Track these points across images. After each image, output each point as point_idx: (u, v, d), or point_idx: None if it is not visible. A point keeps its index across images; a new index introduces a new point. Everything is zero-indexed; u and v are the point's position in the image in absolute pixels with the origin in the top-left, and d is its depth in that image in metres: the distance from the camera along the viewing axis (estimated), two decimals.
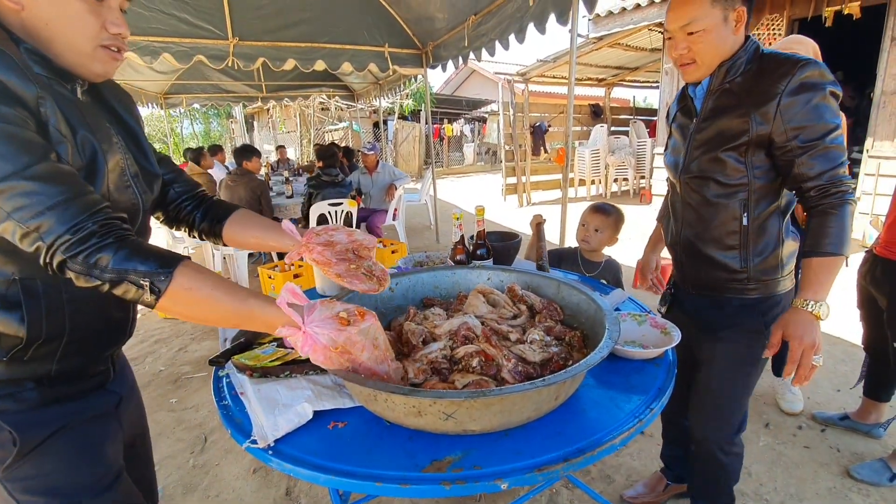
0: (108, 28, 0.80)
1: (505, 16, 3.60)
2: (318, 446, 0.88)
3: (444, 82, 21.35)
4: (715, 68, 1.23)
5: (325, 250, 1.03)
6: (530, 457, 0.82)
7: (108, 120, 0.89)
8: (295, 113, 14.36)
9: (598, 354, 0.87)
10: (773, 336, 1.11)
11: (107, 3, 0.80)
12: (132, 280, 0.70)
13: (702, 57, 1.21)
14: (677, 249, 1.44)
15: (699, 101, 1.30)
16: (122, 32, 0.81)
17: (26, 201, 0.66)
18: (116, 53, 0.83)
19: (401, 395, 0.80)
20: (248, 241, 1.10)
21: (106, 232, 0.70)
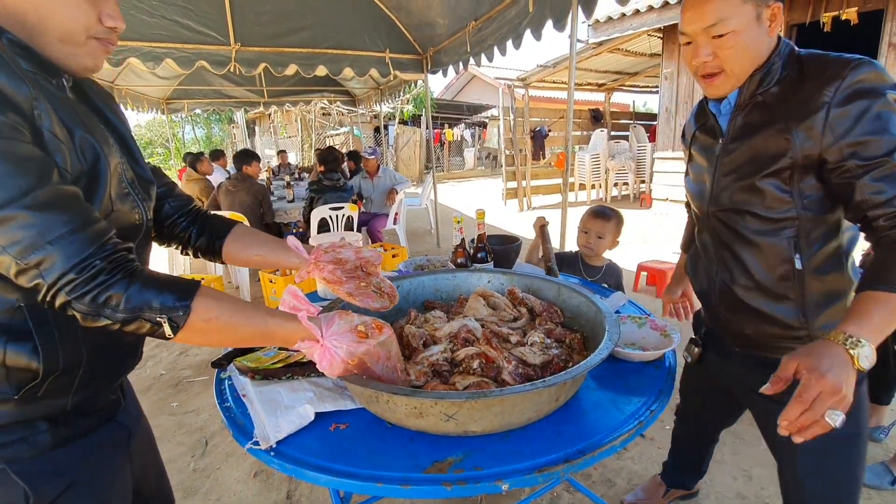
0: (103, 20, 0.72)
1: (504, 21, 3.62)
2: (319, 448, 0.88)
3: (445, 87, 21.42)
4: (746, 79, 1.01)
5: (335, 269, 1.03)
6: (531, 458, 0.82)
7: (98, 120, 0.80)
8: (296, 118, 14.42)
9: (598, 356, 0.88)
10: (782, 367, 0.79)
11: None
12: (147, 318, 0.65)
13: (731, 65, 0.98)
14: (712, 298, 1.17)
15: (724, 117, 1.08)
16: (119, 26, 0.74)
17: (23, 234, 0.59)
18: (109, 47, 0.76)
19: (402, 396, 0.80)
20: (251, 259, 1.04)
21: (114, 267, 0.64)
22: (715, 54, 0.99)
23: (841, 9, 5.02)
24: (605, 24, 6.79)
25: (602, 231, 1.97)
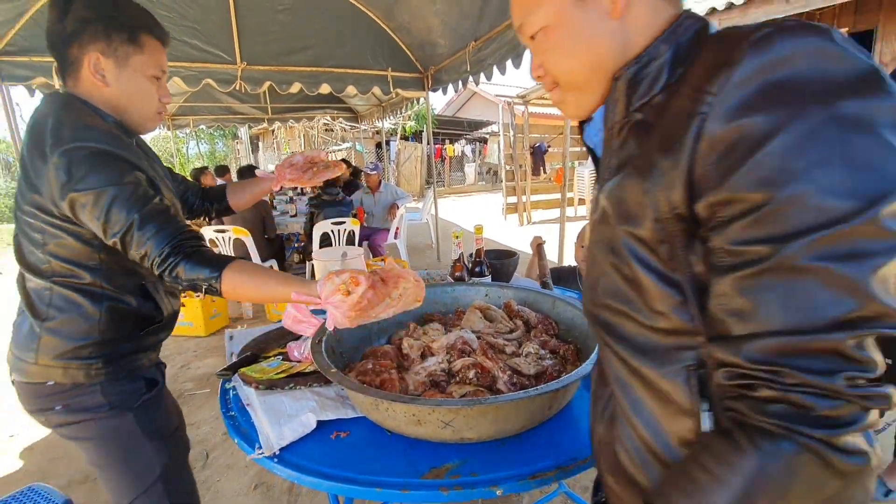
0: (161, 99, 1.09)
1: (504, 42, 3.72)
2: (321, 454, 0.92)
3: (446, 104, 21.71)
4: (603, 88, 0.64)
5: (292, 170, 1.42)
6: (524, 464, 0.86)
7: (150, 161, 1.15)
8: (299, 133, 14.61)
9: (589, 366, 0.91)
10: None
11: (161, 80, 1.08)
12: (199, 285, 0.95)
13: (554, 72, 0.66)
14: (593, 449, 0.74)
15: (598, 148, 0.70)
16: (168, 100, 1.11)
17: (138, 234, 0.93)
18: (163, 113, 1.13)
19: (401, 404, 0.84)
20: (247, 200, 1.45)
21: (178, 252, 0.93)
22: (540, 63, 0.68)
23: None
24: None
25: None
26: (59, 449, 2.41)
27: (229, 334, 1.52)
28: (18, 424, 2.71)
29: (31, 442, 2.54)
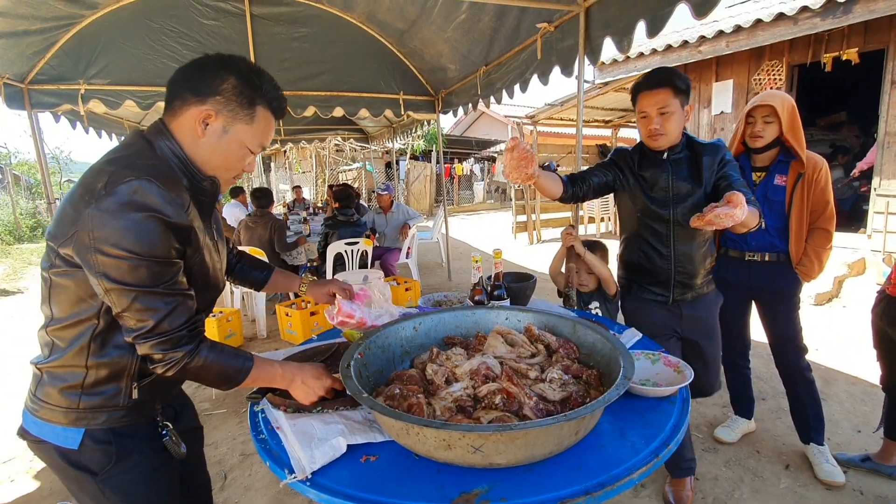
0: (245, 168, 1.12)
1: (512, 67, 3.81)
2: (351, 478, 0.94)
3: (455, 123, 22.00)
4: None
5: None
6: (553, 490, 0.87)
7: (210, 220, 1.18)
8: (311, 154, 14.86)
9: (616, 391, 0.93)
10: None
11: (253, 155, 1.11)
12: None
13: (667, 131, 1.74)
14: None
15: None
16: (250, 170, 1.15)
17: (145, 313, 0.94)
18: (239, 178, 1.18)
19: (432, 429, 0.86)
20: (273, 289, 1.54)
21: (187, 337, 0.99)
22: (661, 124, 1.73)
23: (841, 49, 5.18)
24: (610, 66, 7.04)
25: (589, 266, 2.11)
26: None
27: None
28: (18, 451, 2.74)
29: (32, 466, 2.56)
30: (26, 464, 2.61)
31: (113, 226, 0.87)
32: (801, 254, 2.13)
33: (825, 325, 4.19)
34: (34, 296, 6.81)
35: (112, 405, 1.03)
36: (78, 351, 0.98)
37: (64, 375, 1.00)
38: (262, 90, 1.05)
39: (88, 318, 0.97)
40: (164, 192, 0.91)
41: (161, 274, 0.93)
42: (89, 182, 0.92)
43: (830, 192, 2.11)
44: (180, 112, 1.02)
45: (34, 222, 13.26)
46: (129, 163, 0.94)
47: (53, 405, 1.01)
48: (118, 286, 0.90)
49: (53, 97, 4.22)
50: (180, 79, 1.02)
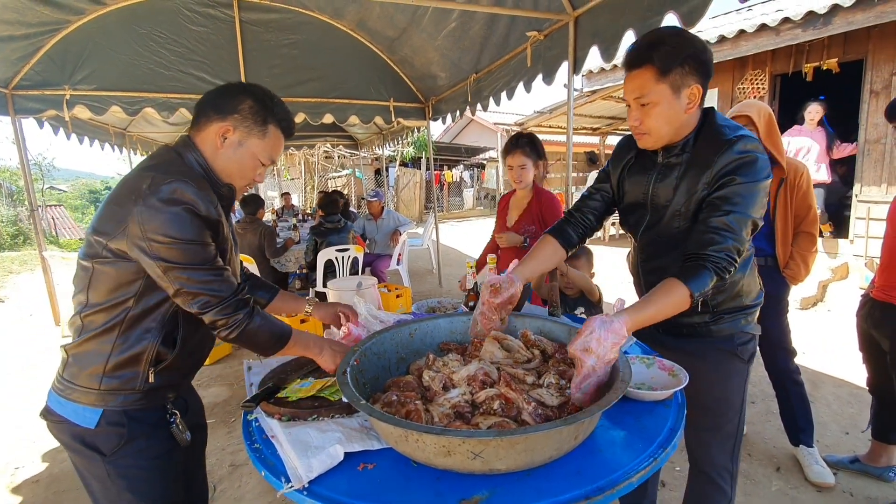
0: (256, 178, 1.29)
1: (501, 75, 3.85)
2: (348, 487, 0.92)
3: (444, 130, 22.08)
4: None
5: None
6: (553, 495, 0.86)
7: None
8: (299, 161, 14.79)
9: (614, 396, 0.93)
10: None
11: (265, 167, 1.28)
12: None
13: (649, 128, 1.29)
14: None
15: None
16: (261, 180, 1.31)
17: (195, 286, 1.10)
18: (251, 187, 1.34)
19: (432, 435, 0.85)
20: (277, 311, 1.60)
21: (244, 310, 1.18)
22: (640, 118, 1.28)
23: (822, 59, 5.32)
24: (597, 75, 7.14)
25: (576, 268, 2.22)
26: (65, 482, 2.37)
27: (248, 365, 1.53)
28: (23, 458, 2.67)
29: (35, 474, 2.50)
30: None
31: (159, 219, 1.05)
32: (787, 257, 2.17)
33: (811, 329, 4.26)
34: (15, 305, 6.65)
35: (129, 388, 1.14)
36: (107, 331, 1.11)
37: (90, 357, 1.13)
38: (273, 111, 1.23)
39: (125, 301, 1.11)
40: (197, 191, 1.09)
41: (204, 254, 1.10)
42: (133, 185, 1.09)
43: (813, 196, 2.17)
44: (204, 127, 1.21)
45: (15, 230, 12.97)
46: (166, 169, 1.12)
47: (78, 385, 1.13)
48: (173, 265, 1.07)
49: (38, 103, 4.16)
50: (207, 100, 1.22)
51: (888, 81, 4.97)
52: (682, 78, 1.20)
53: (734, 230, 1.17)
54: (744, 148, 1.21)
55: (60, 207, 17.30)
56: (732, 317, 1.39)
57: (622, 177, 1.49)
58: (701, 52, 1.22)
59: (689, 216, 1.29)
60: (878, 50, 5.00)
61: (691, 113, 1.26)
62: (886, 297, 1.92)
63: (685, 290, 1.12)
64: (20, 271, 9.03)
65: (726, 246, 1.16)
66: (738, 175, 1.19)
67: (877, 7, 4.48)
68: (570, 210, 1.58)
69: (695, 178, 1.27)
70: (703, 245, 1.18)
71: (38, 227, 5.09)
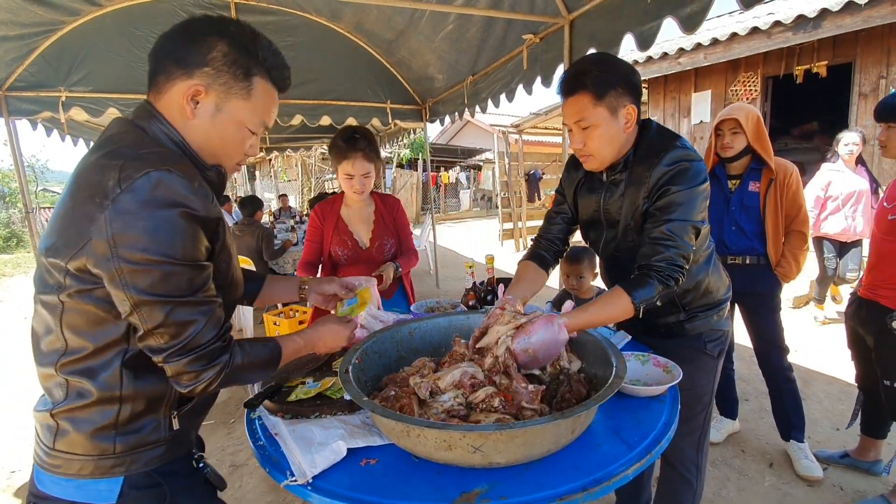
0: (247, 151, 0.97)
1: (498, 77, 3.88)
2: (351, 482, 0.94)
3: (440, 132, 22.11)
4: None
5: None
6: (551, 487, 0.89)
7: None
8: (296, 162, 14.78)
9: (610, 391, 0.96)
10: None
11: (257, 136, 0.97)
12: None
13: (592, 150, 1.33)
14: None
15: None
16: (254, 153, 1.01)
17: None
18: (242, 164, 1.03)
19: (433, 430, 0.88)
20: (267, 300, 1.38)
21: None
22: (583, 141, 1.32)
23: (812, 62, 5.40)
24: None
25: (580, 272, 2.12)
26: None
27: None
28: (20, 461, 2.67)
29: None
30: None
31: (138, 227, 0.74)
32: (779, 255, 2.22)
33: (803, 328, 4.31)
34: (8, 308, 6.62)
35: (152, 441, 0.88)
36: (107, 384, 0.83)
37: (92, 417, 0.83)
38: (258, 57, 0.90)
39: (116, 342, 0.83)
40: (186, 182, 0.78)
41: (195, 279, 0.81)
42: (94, 181, 0.77)
43: (803, 196, 2.22)
44: (165, 88, 0.87)
45: (8, 232, 12.89)
46: (135, 153, 0.79)
47: (82, 455, 0.84)
48: (151, 298, 0.77)
49: (32, 104, 4.15)
50: (163, 47, 0.87)
51: (876, 84, 5.05)
52: (617, 99, 1.26)
53: (674, 238, 1.22)
54: (674, 158, 1.25)
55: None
56: (705, 314, 1.46)
57: (575, 196, 1.55)
58: (630, 73, 1.29)
59: (638, 230, 1.34)
60: (866, 53, 5.08)
61: (629, 132, 1.32)
62: (872, 296, 1.96)
63: (627, 299, 1.19)
64: (13, 274, 8.98)
65: (668, 255, 1.21)
66: (672, 184, 1.24)
67: (864, 11, 4.55)
68: (538, 236, 1.64)
69: (635, 193, 1.32)
70: (646, 256, 1.24)
71: (32, 229, 5.07)
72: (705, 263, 1.44)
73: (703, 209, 1.28)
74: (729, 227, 2.28)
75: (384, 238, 2.19)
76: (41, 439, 0.88)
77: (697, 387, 1.48)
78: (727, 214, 2.27)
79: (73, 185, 0.81)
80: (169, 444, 0.90)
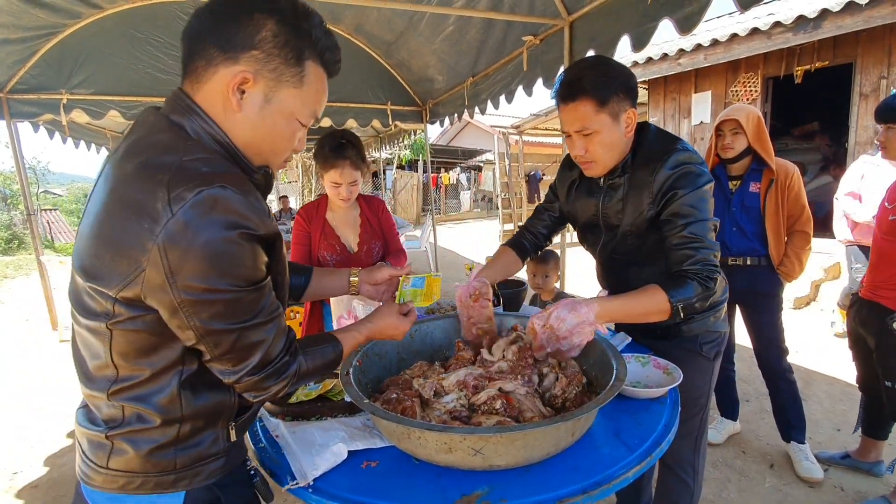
0: (296, 147, 0.88)
1: (498, 78, 3.89)
2: (352, 484, 0.95)
3: (440, 133, 22.12)
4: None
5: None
6: (552, 490, 0.89)
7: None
8: (296, 164, 14.79)
9: (611, 393, 0.96)
10: None
11: (305, 128, 0.88)
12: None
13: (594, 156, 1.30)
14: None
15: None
16: (301, 148, 0.92)
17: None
18: (288, 161, 0.96)
19: (434, 433, 0.88)
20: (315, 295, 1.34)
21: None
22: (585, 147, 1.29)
23: (813, 62, 5.40)
24: None
25: (546, 272, 2.31)
26: (64, 487, 2.38)
27: None
28: (22, 463, 2.67)
29: (34, 479, 2.51)
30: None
31: (196, 257, 0.67)
32: (781, 256, 2.22)
33: (804, 328, 4.31)
34: (10, 309, 6.63)
35: (212, 454, 0.84)
36: (167, 408, 0.77)
37: (152, 437, 0.78)
38: (311, 37, 0.80)
39: (172, 365, 0.77)
40: (242, 198, 0.71)
41: (260, 300, 0.76)
42: (137, 199, 0.68)
43: (804, 196, 2.22)
44: (205, 77, 0.77)
45: (9, 234, 12.91)
46: (178, 162, 0.70)
47: (141, 473, 0.79)
48: (217, 327, 0.73)
49: (34, 107, 4.17)
50: (202, 27, 0.76)
51: (877, 84, 5.05)
52: (619, 104, 1.24)
53: (700, 238, 1.21)
54: (677, 161, 1.25)
55: (56, 212, 17.22)
56: (702, 316, 1.45)
57: (570, 198, 1.54)
58: (629, 77, 1.27)
59: (640, 234, 1.35)
60: (866, 53, 5.08)
61: (629, 137, 1.31)
62: (874, 297, 1.96)
63: (664, 296, 1.16)
64: (15, 276, 8.99)
65: (700, 257, 1.20)
66: (678, 188, 1.23)
67: (865, 12, 4.55)
68: (525, 224, 1.68)
69: (637, 197, 1.31)
70: (678, 262, 1.22)
71: (34, 231, 5.08)
72: None
73: (712, 208, 1.28)
74: (730, 227, 2.28)
75: (372, 241, 2.19)
76: (90, 458, 0.82)
77: (693, 388, 1.47)
78: (728, 215, 2.27)
79: (109, 199, 0.71)
80: (227, 456, 0.87)
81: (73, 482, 0.93)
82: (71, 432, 2.99)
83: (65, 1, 3.41)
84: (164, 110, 0.79)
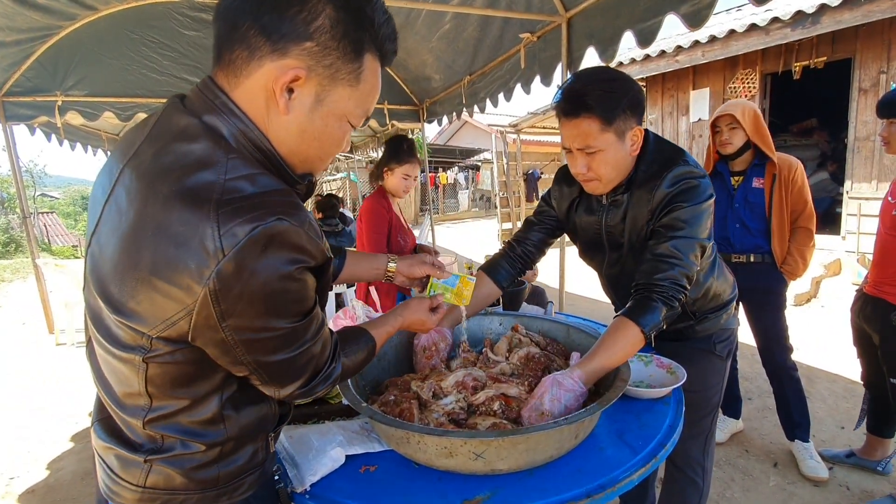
0: (343, 147, 0.78)
1: (496, 77, 3.87)
2: (351, 489, 0.92)
3: (438, 133, 22.09)
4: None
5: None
6: (555, 493, 0.87)
7: None
8: None
9: (614, 394, 0.94)
10: None
11: (353, 130, 0.78)
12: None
13: (599, 174, 1.22)
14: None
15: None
16: (346, 148, 0.85)
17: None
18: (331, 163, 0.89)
19: (434, 437, 0.86)
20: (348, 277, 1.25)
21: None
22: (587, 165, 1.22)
23: (811, 58, 5.38)
24: None
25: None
26: (61, 492, 2.35)
27: None
28: (19, 467, 2.65)
29: (32, 484, 2.48)
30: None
31: (255, 299, 0.61)
32: (784, 253, 2.20)
33: (805, 325, 4.30)
34: (7, 313, 6.60)
35: (252, 466, 0.80)
36: (208, 433, 0.73)
37: (192, 457, 0.73)
38: (374, 25, 0.68)
39: (213, 391, 0.71)
40: (299, 229, 0.63)
41: (311, 324, 0.72)
42: (177, 231, 0.58)
43: (808, 191, 2.20)
44: (245, 70, 0.65)
45: (7, 237, 12.87)
46: (222, 184, 0.60)
47: (180, 490, 0.74)
48: (272, 360, 0.69)
49: (29, 109, 4.14)
50: (240, 7, 0.63)
51: (876, 79, 5.03)
52: (625, 122, 1.17)
53: (679, 256, 1.14)
54: (678, 176, 1.19)
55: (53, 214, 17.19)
56: (715, 315, 1.43)
57: (571, 214, 1.44)
58: (637, 93, 1.19)
59: (642, 250, 1.27)
60: (865, 48, 5.06)
61: (635, 154, 1.24)
62: (878, 293, 1.94)
63: (636, 329, 1.10)
64: (12, 279, 8.96)
65: (672, 274, 1.13)
66: (677, 201, 1.18)
67: (864, 6, 4.53)
68: (513, 240, 1.53)
69: (637, 213, 1.26)
70: (648, 273, 1.16)
71: (30, 234, 5.05)
72: (710, 270, 1.38)
73: (709, 227, 1.22)
74: (733, 224, 2.26)
75: (408, 226, 2.52)
76: (121, 476, 0.75)
77: (708, 388, 1.45)
78: (731, 211, 2.25)
79: (139, 222, 0.61)
80: (264, 467, 0.83)
81: (71, 487, 0.89)
82: (70, 434, 2.97)
83: (59, 2, 3.38)
84: (194, 107, 0.67)
